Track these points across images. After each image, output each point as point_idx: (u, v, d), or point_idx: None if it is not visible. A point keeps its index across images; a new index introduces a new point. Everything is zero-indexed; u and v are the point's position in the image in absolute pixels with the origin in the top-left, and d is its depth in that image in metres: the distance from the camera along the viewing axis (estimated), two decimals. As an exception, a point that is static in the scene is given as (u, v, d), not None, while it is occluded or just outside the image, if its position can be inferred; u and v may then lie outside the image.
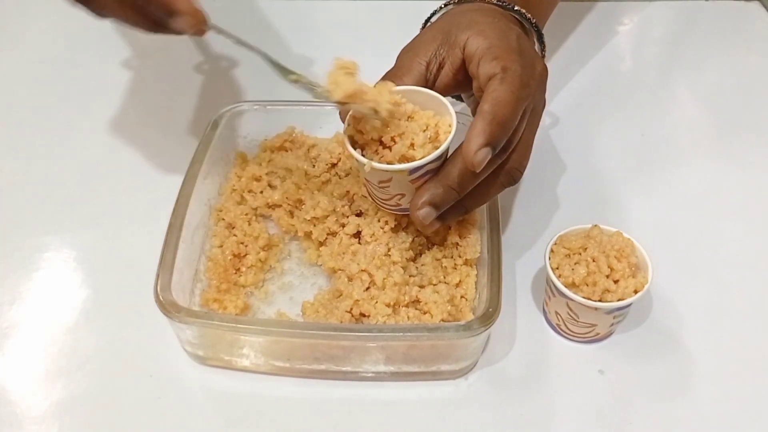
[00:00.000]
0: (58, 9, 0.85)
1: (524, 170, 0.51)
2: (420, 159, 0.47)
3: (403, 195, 0.50)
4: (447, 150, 0.48)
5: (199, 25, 0.51)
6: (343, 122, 0.50)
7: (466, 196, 0.50)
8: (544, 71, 0.51)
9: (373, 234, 0.54)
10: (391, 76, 0.51)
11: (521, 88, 0.47)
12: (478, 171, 0.46)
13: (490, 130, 0.45)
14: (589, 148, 0.70)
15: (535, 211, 0.63)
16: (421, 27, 0.57)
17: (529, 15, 0.55)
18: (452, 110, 0.49)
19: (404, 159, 0.48)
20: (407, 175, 0.48)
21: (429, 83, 0.51)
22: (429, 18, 0.58)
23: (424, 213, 0.48)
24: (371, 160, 0.48)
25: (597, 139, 0.71)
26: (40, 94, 0.74)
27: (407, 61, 0.51)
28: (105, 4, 0.50)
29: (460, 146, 0.48)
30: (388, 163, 0.48)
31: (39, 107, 0.73)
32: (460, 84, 0.52)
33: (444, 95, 0.50)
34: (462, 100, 0.58)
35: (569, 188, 0.66)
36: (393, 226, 0.54)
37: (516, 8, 0.55)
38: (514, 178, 0.51)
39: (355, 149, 0.49)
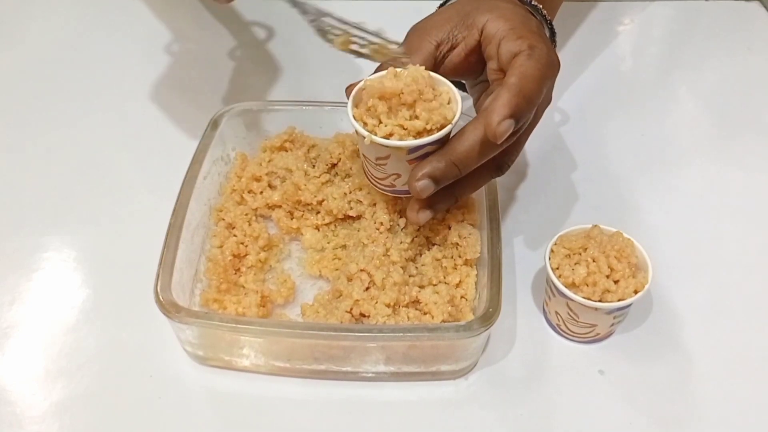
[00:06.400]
0: (58, 9, 0.85)
1: (512, 163, 0.51)
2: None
3: (398, 176, 0.50)
4: (449, 134, 0.48)
5: None
6: (348, 98, 0.49)
7: (457, 184, 0.49)
8: (558, 66, 0.50)
9: (370, 236, 0.54)
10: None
11: (548, 67, 0.47)
12: (499, 142, 0.45)
13: (516, 102, 0.45)
14: (589, 148, 0.70)
15: (535, 211, 0.63)
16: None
17: (545, 11, 0.55)
18: (458, 95, 0.49)
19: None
20: (405, 154, 0.48)
21: (437, 63, 0.51)
22: (443, 3, 0.57)
23: (422, 185, 0.47)
24: (372, 134, 0.47)
25: (597, 139, 0.71)
26: (40, 93, 0.74)
27: (416, 40, 0.51)
28: None
29: (465, 126, 0.47)
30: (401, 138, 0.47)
31: (39, 107, 0.73)
32: (470, 67, 0.52)
33: (449, 78, 0.50)
34: (465, 90, 0.57)
35: (569, 188, 0.66)
36: (389, 227, 0.54)
37: (533, 3, 0.54)
38: (501, 169, 0.51)
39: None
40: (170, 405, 0.50)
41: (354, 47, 0.50)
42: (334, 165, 0.61)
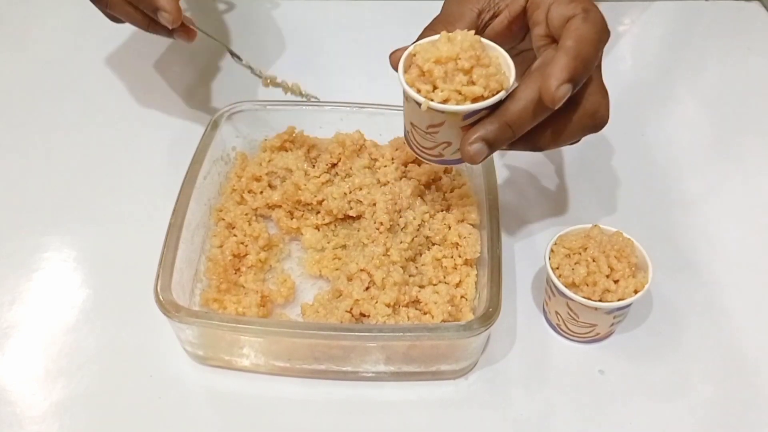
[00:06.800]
0: (58, 9, 0.85)
1: (608, 115, 0.50)
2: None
3: (449, 144, 0.49)
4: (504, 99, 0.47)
5: (177, 21, 0.55)
6: (395, 68, 0.48)
7: (543, 133, 0.48)
8: (609, 31, 0.49)
9: (370, 236, 0.54)
10: (439, 24, 0.50)
11: (603, 30, 0.46)
12: (556, 107, 0.44)
13: (575, 66, 0.44)
14: (589, 147, 0.69)
15: (535, 211, 0.63)
16: None
17: None
18: (510, 60, 0.48)
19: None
20: (461, 120, 0.46)
21: (478, 32, 0.50)
22: None
23: (476, 149, 0.46)
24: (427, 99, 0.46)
25: (597, 139, 0.70)
26: (40, 94, 0.74)
27: (456, 8, 0.50)
28: (112, 3, 0.57)
29: (516, 87, 0.46)
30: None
31: (39, 107, 0.73)
32: (513, 35, 0.51)
33: None
34: None
35: (570, 188, 0.66)
36: (389, 227, 0.54)
37: None
38: (601, 121, 0.49)
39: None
40: (170, 405, 0.50)
41: (278, 81, 0.70)
42: (334, 165, 0.61)
